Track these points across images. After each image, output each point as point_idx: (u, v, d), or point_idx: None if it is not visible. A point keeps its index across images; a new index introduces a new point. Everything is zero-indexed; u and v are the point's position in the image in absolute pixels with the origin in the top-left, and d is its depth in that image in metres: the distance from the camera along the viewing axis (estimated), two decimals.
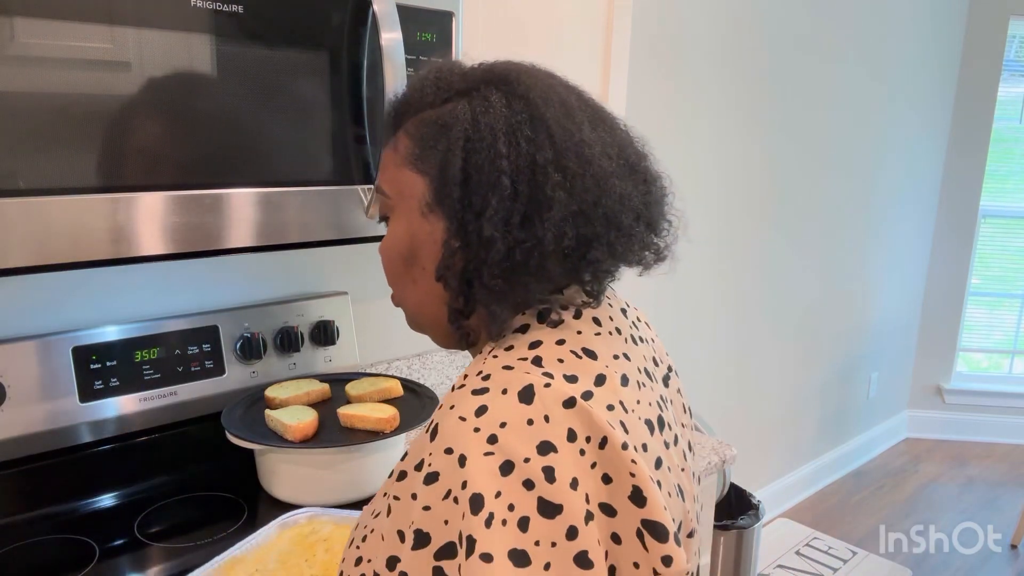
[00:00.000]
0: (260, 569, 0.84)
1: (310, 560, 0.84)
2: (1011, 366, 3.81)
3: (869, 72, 2.95)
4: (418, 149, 0.64)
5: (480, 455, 0.52)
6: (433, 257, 0.64)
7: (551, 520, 0.51)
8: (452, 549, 0.52)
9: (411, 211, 0.65)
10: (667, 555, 0.55)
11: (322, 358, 1.36)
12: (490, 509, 0.51)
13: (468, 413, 0.54)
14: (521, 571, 0.50)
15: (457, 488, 0.52)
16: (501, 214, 0.59)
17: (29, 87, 0.74)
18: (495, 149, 0.60)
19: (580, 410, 0.55)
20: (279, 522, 0.92)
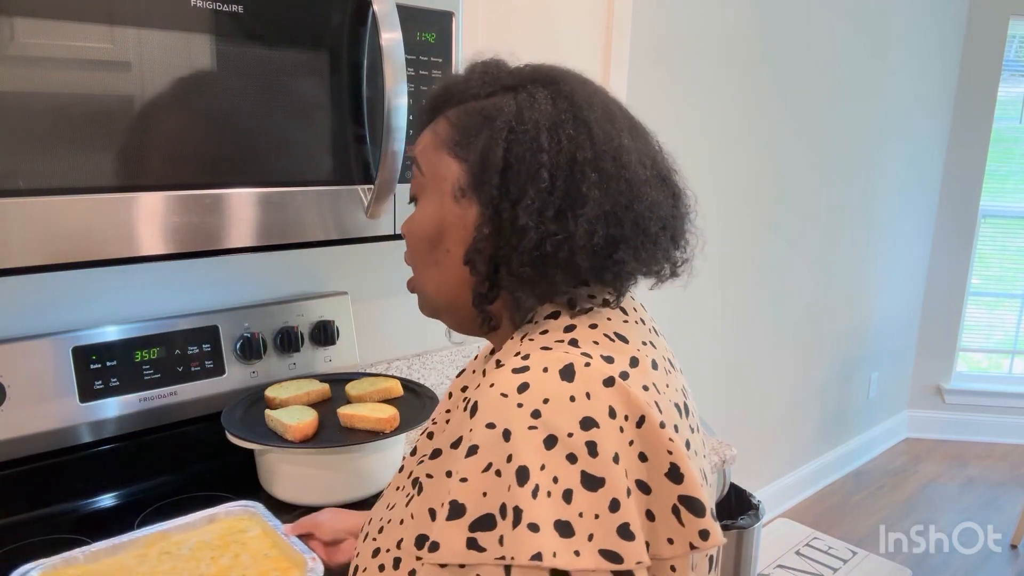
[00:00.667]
0: (172, 552, 0.86)
1: (215, 559, 0.85)
2: (1011, 366, 3.81)
3: (869, 72, 2.95)
4: (458, 136, 0.67)
5: (524, 429, 0.53)
6: (461, 241, 0.66)
7: (594, 493, 0.53)
8: (490, 521, 0.53)
9: (443, 194, 0.67)
10: (704, 529, 0.57)
11: (322, 358, 1.36)
12: (536, 481, 0.52)
13: (510, 390, 0.56)
14: (565, 541, 0.51)
15: (501, 461, 0.53)
16: (537, 205, 0.61)
17: (29, 87, 0.74)
18: (537, 142, 0.62)
19: (619, 389, 0.56)
20: (224, 508, 0.93)
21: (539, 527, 0.51)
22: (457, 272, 0.67)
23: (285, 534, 0.89)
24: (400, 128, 0.95)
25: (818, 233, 2.91)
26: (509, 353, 0.62)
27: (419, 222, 0.69)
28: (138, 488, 1.16)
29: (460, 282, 0.68)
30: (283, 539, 0.87)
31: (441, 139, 0.68)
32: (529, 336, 0.63)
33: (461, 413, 0.58)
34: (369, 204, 1.00)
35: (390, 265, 1.53)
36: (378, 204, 0.99)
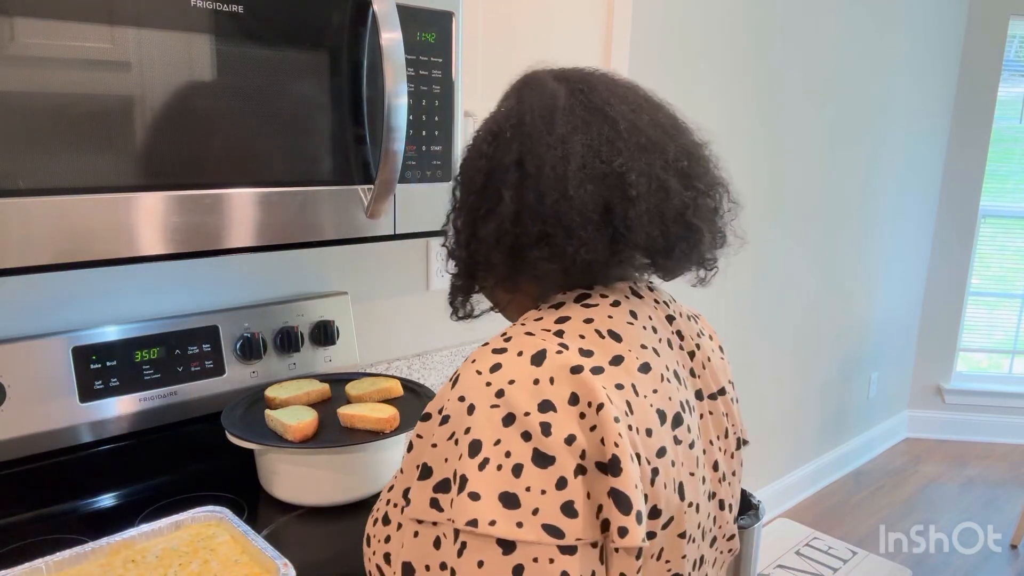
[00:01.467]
0: (137, 560, 0.86)
1: (183, 565, 0.85)
2: (1011, 366, 3.81)
3: (869, 72, 2.95)
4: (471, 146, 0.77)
5: (487, 406, 0.58)
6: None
7: (543, 470, 0.56)
8: (447, 484, 0.59)
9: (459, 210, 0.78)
10: (624, 527, 0.58)
11: (322, 358, 1.36)
12: (486, 455, 0.57)
13: (484, 368, 0.61)
14: (508, 512, 0.55)
15: (460, 432, 0.59)
16: (468, 207, 0.71)
17: (29, 87, 0.74)
18: (480, 149, 0.71)
19: (584, 378, 0.60)
20: (190, 515, 0.92)
21: (480, 496, 0.55)
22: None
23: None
24: (400, 128, 0.95)
25: (818, 233, 2.91)
26: (499, 334, 0.66)
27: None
28: (138, 488, 1.16)
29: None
30: (253, 545, 0.86)
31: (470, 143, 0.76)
32: (522, 321, 0.67)
33: (447, 383, 0.63)
34: (369, 204, 1.00)
35: (390, 265, 1.53)
36: (378, 204, 0.99)
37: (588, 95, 0.69)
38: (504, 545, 0.55)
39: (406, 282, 1.57)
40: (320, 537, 1.06)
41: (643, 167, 0.66)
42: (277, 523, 1.08)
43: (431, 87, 1.05)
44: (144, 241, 0.84)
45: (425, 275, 1.60)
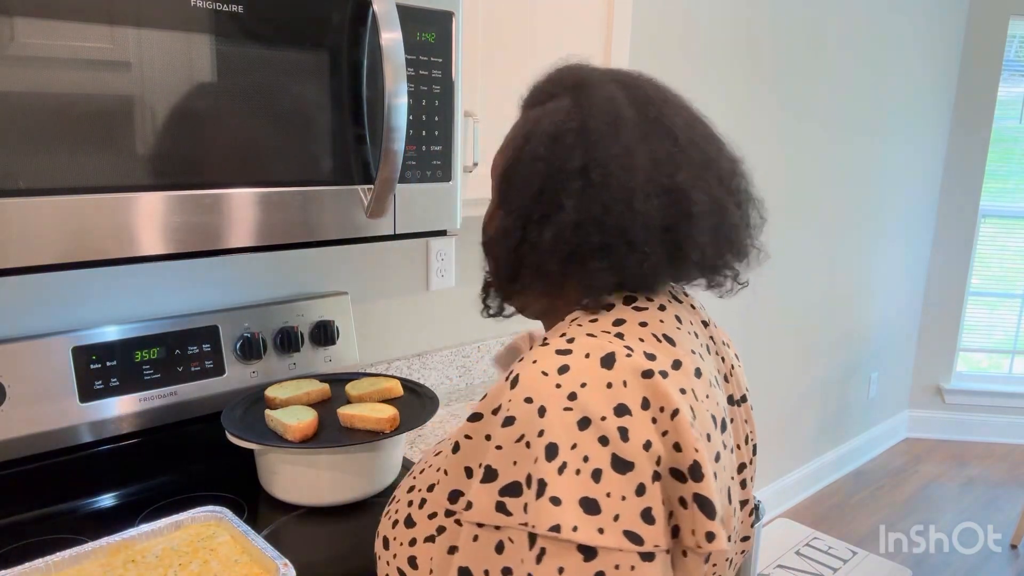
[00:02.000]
0: (137, 561, 0.86)
1: (183, 565, 0.85)
2: (1011, 366, 3.81)
3: (869, 72, 2.95)
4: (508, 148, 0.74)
5: (560, 409, 0.57)
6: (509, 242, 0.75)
7: (623, 476, 0.55)
8: (517, 488, 0.57)
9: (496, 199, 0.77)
10: (711, 531, 0.59)
11: (322, 358, 1.36)
12: (564, 458, 0.55)
13: (551, 369, 0.59)
14: (590, 518, 0.54)
15: (532, 434, 0.57)
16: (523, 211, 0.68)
17: (29, 87, 0.74)
18: (537, 152, 0.67)
19: (656, 383, 0.59)
20: (190, 515, 0.92)
21: (561, 501, 0.54)
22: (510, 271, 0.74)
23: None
24: (400, 128, 0.95)
25: (818, 233, 2.91)
26: (555, 333, 0.64)
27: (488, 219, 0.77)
28: (138, 488, 1.16)
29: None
30: (253, 545, 0.86)
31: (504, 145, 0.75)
32: (578, 322, 0.65)
33: (503, 383, 0.61)
34: (369, 204, 1.00)
35: (390, 265, 1.53)
36: (378, 204, 0.99)
37: (646, 104, 0.68)
38: (585, 551, 0.54)
39: (406, 282, 1.57)
40: (320, 537, 1.06)
41: (703, 184, 0.66)
42: (277, 523, 1.08)
43: (431, 87, 1.05)
44: (144, 241, 0.84)
45: (425, 275, 1.60)
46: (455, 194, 1.11)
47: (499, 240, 0.71)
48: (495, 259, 0.74)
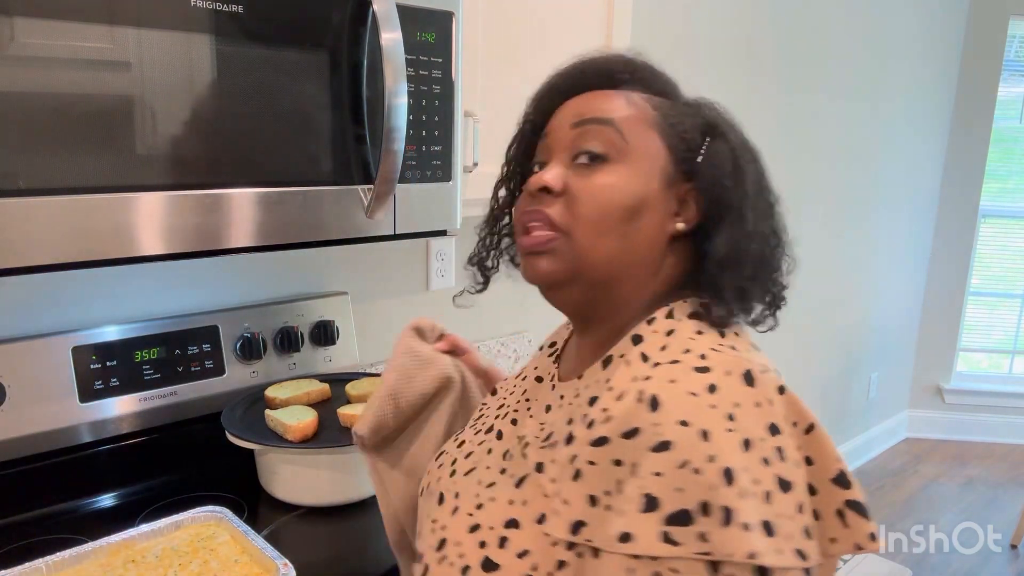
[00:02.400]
0: (137, 561, 0.86)
1: (183, 565, 0.84)
2: (1011, 366, 3.81)
3: (869, 72, 2.95)
4: (668, 125, 0.69)
5: (723, 431, 0.55)
6: (657, 226, 0.67)
7: (787, 495, 0.55)
8: (686, 516, 0.54)
9: (651, 173, 0.67)
10: (872, 532, 0.60)
11: (322, 358, 1.36)
12: (741, 483, 0.54)
13: (699, 389, 0.57)
14: (769, 540, 0.53)
15: (701, 460, 0.54)
16: (749, 225, 0.67)
17: (29, 87, 0.74)
18: (748, 165, 0.69)
19: (790, 398, 0.60)
20: (190, 515, 0.92)
21: (750, 527, 0.53)
22: (639, 253, 0.67)
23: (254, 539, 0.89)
24: (400, 128, 0.95)
25: (818, 233, 2.91)
26: (678, 347, 0.62)
27: (620, 189, 0.66)
28: (138, 488, 1.16)
29: (635, 264, 0.68)
30: (253, 545, 0.86)
31: (648, 118, 0.69)
32: (689, 336, 0.63)
33: (633, 404, 0.57)
34: (369, 204, 1.00)
35: (390, 265, 1.53)
36: (378, 204, 0.99)
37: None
38: (761, 572, 0.53)
39: (406, 282, 1.57)
40: (320, 537, 1.06)
41: (780, 225, 0.72)
42: (277, 523, 1.08)
43: (431, 87, 1.05)
44: (144, 241, 0.84)
45: (425, 275, 1.60)
46: (455, 194, 1.12)
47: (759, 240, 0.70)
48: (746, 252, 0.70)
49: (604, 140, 0.67)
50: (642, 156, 0.67)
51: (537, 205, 0.68)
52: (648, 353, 0.62)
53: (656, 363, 0.61)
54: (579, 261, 0.67)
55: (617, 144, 0.67)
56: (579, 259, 0.67)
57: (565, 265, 0.67)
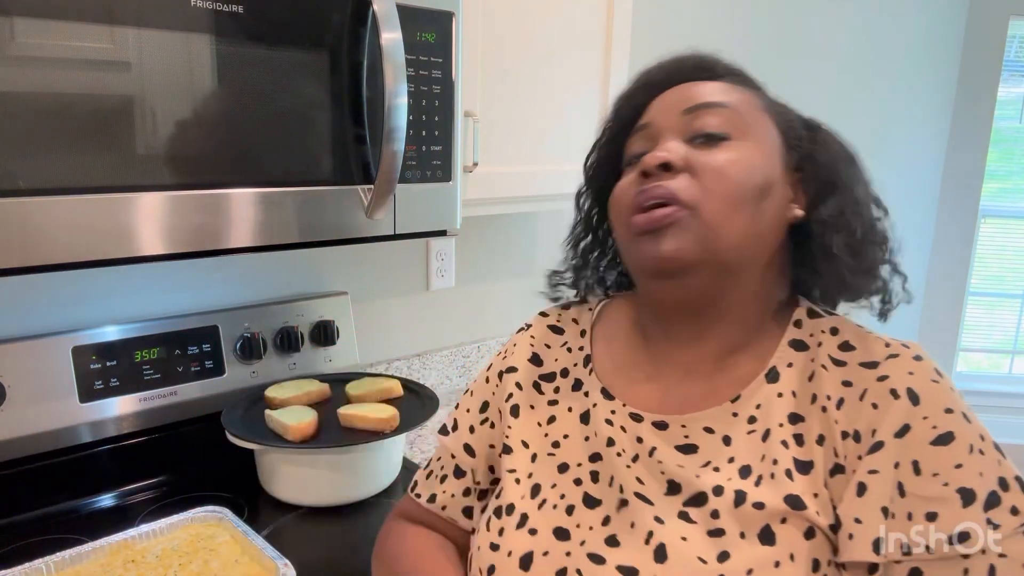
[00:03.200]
0: (137, 561, 0.86)
1: (183, 565, 0.84)
2: (1011, 366, 3.81)
3: (869, 72, 2.95)
4: (777, 115, 0.69)
5: (969, 408, 0.58)
6: (779, 208, 0.66)
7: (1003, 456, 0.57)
8: (995, 498, 0.54)
9: (774, 155, 0.66)
10: None
11: (322, 358, 1.36)
12: (999, 451, 0.56)
13: (935, 375, 0.59)
14: None
15: (977, 440, 0.56)
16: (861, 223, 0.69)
17: (29, 87, 0.74)
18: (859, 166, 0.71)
19: None
20: (190, 515, 0.92)
21: None
22: (766, 238, 0.65)
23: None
24: (400, 128, 0.95)
25: None
26: (878, 344, 0.64)
27: (750, 164, 0.63)
28: (138, 488, 1.16)
29: (761, 250, 0.65)
30: (253, 545, 0.86)
31: (759, 103, 0.69)
32: (857, 330, 0.68)
33: (894, 401, 0.57)
34: (369, 204, 1.00)
35: (390, 265, 1.53)
36: (378, 204, 0.99)
37: None
38: None
39: (406, 282, 1.57)
40: (320, 537, 1.06)
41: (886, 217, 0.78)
42: (277, 523, 1.08)
43: (431, 87, 1.05)
44: (144, 241, 0.84)
45: (425, 275, 1.60)
46: (455, 194, 1.12)
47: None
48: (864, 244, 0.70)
49: (724, 120, 0.64)
50: (763, 137, 0.66)
51: (655, 182, 0.62)
52: (837, 356, 0.63)
53: (868, 363, 0.61)
54: (710, 239, 0.61)
55: (738, 124, 0.64)
56: (710, 236, 0.61)
57: (693, 243, 0.61)
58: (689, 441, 0.64)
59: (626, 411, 0.68)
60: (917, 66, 3.24)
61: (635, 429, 0.66)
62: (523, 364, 0.77)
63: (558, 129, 1.36)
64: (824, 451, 0.59)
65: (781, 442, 0.60)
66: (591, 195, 0.78)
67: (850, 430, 0.58)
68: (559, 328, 0.80)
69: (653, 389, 0.69)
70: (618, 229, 0.68)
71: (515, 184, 1.30)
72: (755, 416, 0.62)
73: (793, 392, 0.63)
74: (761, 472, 0.59)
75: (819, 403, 0.61)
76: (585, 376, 0.73)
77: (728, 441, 0.62)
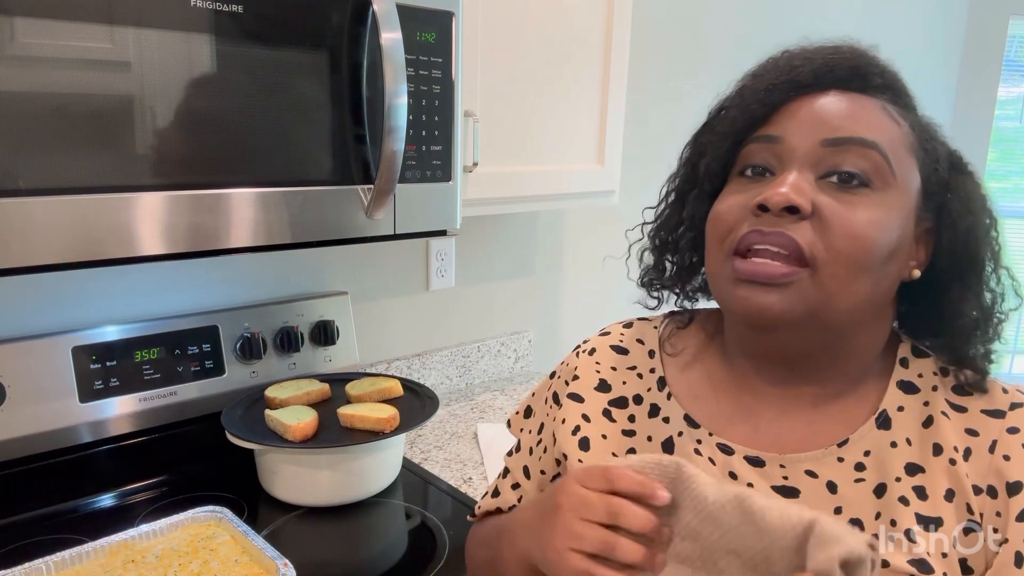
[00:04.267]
0: (137, 561, 0.86)
1: (183, 565, 0.84)
2: (1011, 366, 3.81)
3: None
4: (921, 148, 0.60)
5: None
6: (901, 267, 0.59)
7: None
8: None
9: (909, 209, 0.58)
10: None
11: (322, 358, 1.36)
12: None
13: None
14: None
15: None
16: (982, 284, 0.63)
17: (29, 87, 0.74)
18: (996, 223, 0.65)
19: None
20: (190, 515, 0.92)
21: None
22: (883, 298, 0.59)
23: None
24: (400, 128, 0.95)
25: None
26: (999, 395, 0.63)
27: (885, 227, 0.55)
28: (138, 488, 1.16)
29: (876, 310, 0.59)
30: (253, 545, 0.86)
31: (909, 141, 0.59)
32: (1011, 387, 0.66)
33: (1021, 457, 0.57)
34: (369, 204, 1.00)
35: (390, 265, 1.53)
36: (378, 204, 0.99)
37: None
38: None
39: (406, 282, 1.57)
40: (320, 537, 1.06)
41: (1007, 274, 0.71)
42: (277, 523, 1.08)
43: (431, 87, 1.05)
44: (144, 241, 0.84)
45: (425, 275, 1.60)
46: (455, 194, 1.12)
47: None
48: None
49: (869, 164, 0.56)
50: (904, 190, 0.57)
51: (776, 227, 0.55)
52: (955, 401, 0.61)
53: (993, 411, 0.60)
54: (823, 303, 0.55)
55: (883, 171, 0.56)
56: (824, 301, 0.55)
57: (803, 305, 0.55)
58: (789, 483, 0.58)
59: (713, 441, 0.61)
60: (917, 66, 3.24)
61: (726, 463, 0.60)
62: (589, 393, 0.70)
63: (558, 129, 1.36)
64: (955, 508, 0.56)
65: (899, 498, 0.56)
66: (692, 187, 0.67)
67: (983, 485, 0.56)
68: (623, 348, 0.72)
69: (742, 421, 0.62)
70: (712, 252, 0.60)
71: (515, 184, 1.30)
72: (864, 463, 0.58)
73: (908, 440, 0.58)
74: (877, 532, 0.56)
75: (946, 455, 0.57)
76: (663, 401, 0.66)
77: (833, 488, 0.58)
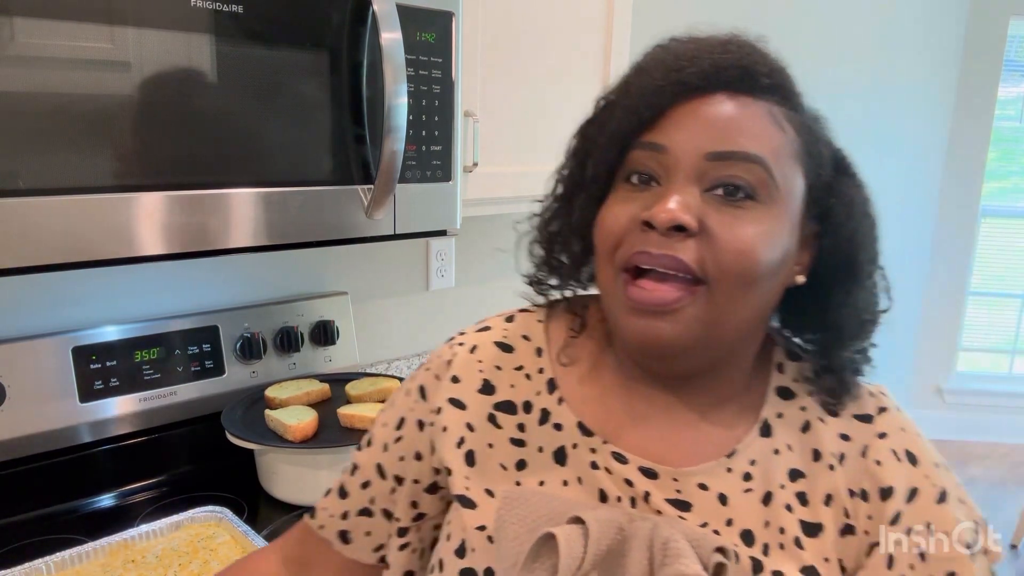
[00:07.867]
0: (137, 561, 0.86)
1: (183, 565, 0.84)
2: (1011, 366, 3.81)
3: (869, 72, 2.95)
4: (806, 154, 0.58)
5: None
6: (785, 277, 0.58)
7: None
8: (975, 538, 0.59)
9: (795, 219, 0.57)
10: None
11: (322, 358, 1.36)
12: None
13: (914, 425, 0.65)
14: None
15: (955, 488, 0.62)
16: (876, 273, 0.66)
17: (29, 87, 0.74)
18: (876, 225, 0.64)
19: None
20: (190, 515, 0.92)
21: None
22: (769, 309, 0.59)
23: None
24: (400, 128, 0.95)
25: None
26: (866, 399, 0.63)
27: (771, 242, 0.54)
28: (138, 488, 1.16)
29: (761, 321, 0.59)
30: (253, 545, 0.86)
31: (794, 149, 0.58)
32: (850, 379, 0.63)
33: (903, 464, 0.59)
34: (369, 204, 1.00)
35: (390, 265, 1.53)
36: (377, 204, 0.99)
37: None
38: None
39: (406, 282, 1.57)
40: None
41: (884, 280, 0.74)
42: (277, 523, 1.07)
43: (431, 87, 1.05)
44: (144, 241, 0.84)
45: (425, 275, 1.60)
46: (455, 194, 1.12)
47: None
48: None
49: (755, 178, 0.54)
50: (789, 200, 0.56)
51: (664, 248, 0.53)
52: (829, 405, 0.61)
53: (863, 416, 0.61)
54: (715, 322, 0.54)
55: (767, 185, 0.55)
56: (715, 320, 0.54)
57: (696, 330, 0.54)
58: (682, 497, 0.57)
59: (608, 449, 0.59)
60: (917, 66, 3.24)
61: (621, 471, 0.59)
62: (472, 396, 0.64)
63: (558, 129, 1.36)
64: (833, 512, 0.57)
65: (785, 506, 0.57)
66: (579, 190, 0.66)
67: (856, 488, 0.57)
68: (508, 346, 0.67)
69: (633, 428, 0.61)
70: (602, 265, 0.58)
71: (515, 184, 1.30)
72: (751, 473, 0.58)
73: (789, 446, 0.59)
74: (767, 541, 0.56)
75: (824, 460, 0.58)
76: (553, 405, 0.62)
77: (724, 500, 0.57)
